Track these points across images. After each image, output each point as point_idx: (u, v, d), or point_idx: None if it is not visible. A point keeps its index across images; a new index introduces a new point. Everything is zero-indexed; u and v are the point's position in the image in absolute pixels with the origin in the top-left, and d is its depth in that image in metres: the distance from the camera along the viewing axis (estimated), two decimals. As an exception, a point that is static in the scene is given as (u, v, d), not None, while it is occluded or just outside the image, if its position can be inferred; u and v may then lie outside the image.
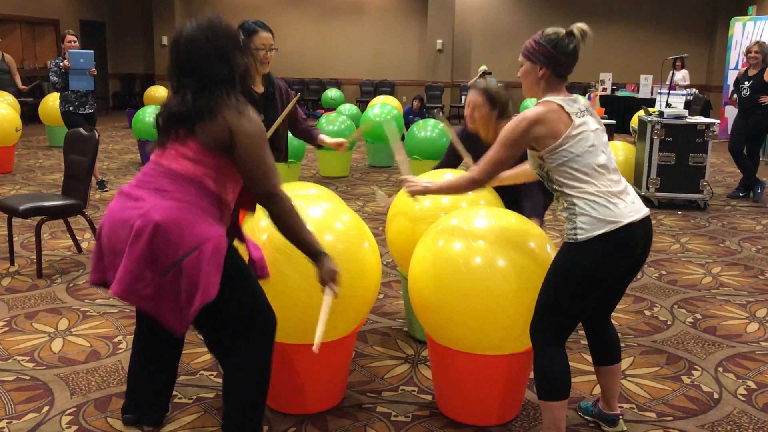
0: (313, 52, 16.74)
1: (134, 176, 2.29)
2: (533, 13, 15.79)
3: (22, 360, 3.33)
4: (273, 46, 3.28)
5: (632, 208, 2.36)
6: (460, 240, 2.63)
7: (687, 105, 9.04)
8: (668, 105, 7.44)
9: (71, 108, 7.13)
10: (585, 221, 2.32)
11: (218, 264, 2.15)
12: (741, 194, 7.76)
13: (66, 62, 6.94)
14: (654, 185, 7.00)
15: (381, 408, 2.93)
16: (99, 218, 5.74)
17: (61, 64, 6.97)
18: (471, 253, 2.58)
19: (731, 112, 9.73)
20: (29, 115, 12.59)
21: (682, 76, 12.43)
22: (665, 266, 5.09)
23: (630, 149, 7.56)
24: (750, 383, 3.23)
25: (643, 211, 2.40)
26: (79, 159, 4.71)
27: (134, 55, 17.61)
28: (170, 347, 2.65)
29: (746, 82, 7.44)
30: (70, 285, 4.42)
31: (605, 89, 13.76)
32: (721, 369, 3.37)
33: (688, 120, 6.98)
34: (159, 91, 14.00)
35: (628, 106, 12.73)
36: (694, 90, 12.02)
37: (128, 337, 3.57)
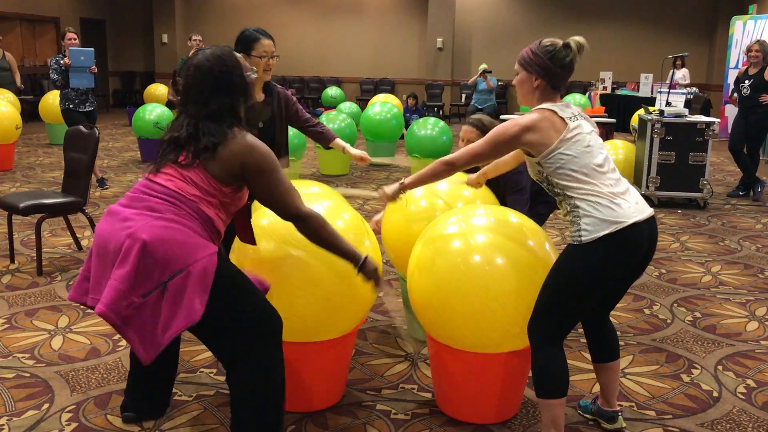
0: (314, 51, 16.74)
1: (127, 192, 2.28)
2: (534, 12, 15.79)
3: (22, 357, 3.33)
4: (275, 53, 3.27)
5: (636, 209, 2.36)
6: (459, 238, 2.64)
7: (687, 104, 9.04)
8: (668, 104, 7.44)
9: (71, 105, 7.13)
10: (589, 222, 2.32)
11: (205, 285, 2.10)
12: (741, 193, 7.76)
13: (66, 60, 6.94)
14: (654, 184, 7.00)
15: (381, 406, 2.93)
16: (99, 216, 5.74)
17: (62, 62, 6.97)
18: (470, 252, 2.59)
19: (731, 111, 9.73)
20: (29, 113, 12.59)
21: (683, 75, 12.42)
22: (665, 265, 5.09)
23: (630, 148, 7.56)
24: (749, 382, 3.23)
25: (648, 212, 2.40)
26: (79, 157, 4.71)
27: (134, 53, 17.61)
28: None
29: (747, 81, 7.44)
30: (70, 282, 4.42)
31: (605, 88, 13.77)
32: (721, 367, 3.38)
33: (688, 119, 6.98)
34: (159, 89, 13.98)
35: (628, 105, 12.73)
36: (695, 89, 12.02)
37: (128, 335, 3.57)
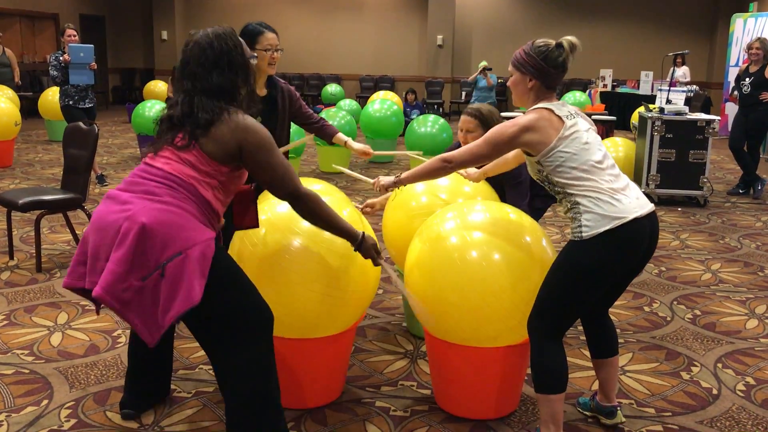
0: (314, 48, 16.73)
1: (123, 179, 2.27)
2: (534, 9, 15.77)
3: (22, 353, 3.33)
4: (278, 47, 3.26)
5: (637, 204, 2.36)
6: (456, 233, 2.64)
7: (687, 101, 9.04)
8: (669, 101, 7.44)
9: (71, 102, 7.12)
10: (590, 218, 2.32)
11: (203, 269, 2.09)
12: (741, 191, 7.75)
13: (66, 56, 6.93)
14: (654, 182, 7.00)
15: (380, 402, 2.93)
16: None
17: (61, 59, 6.96)
18: (466, 247, 2.59)
19: (732, 109, 9.73)
20: (29, 110, 12.59)
21: (683, 73, 12.42)
22: (665, 262, 5.09)
23: (630, 146, 7.56)
24: (749, 379, 3.23)
25: (648, 207, 2.40)
26: (79, 153, 4.71)
27: (134, 50, 17.60)
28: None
29: (747, 79, 7.44)
30: (70, 279, 4.41)
31: (606, 85, 13.75)
32: (720, 365, 3.37)
33: (689, 116, 6.97)
34: (159, 86, 13.98)
35: (629, 103, 12.72)
36: (695, 87, 12.01)
37: (127, 331, 3.57)
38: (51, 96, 10.25)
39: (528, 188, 3.38)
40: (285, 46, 3.59)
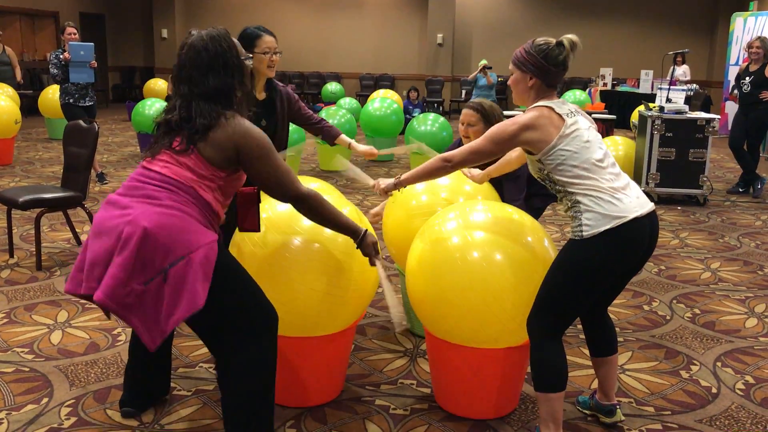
0: (314, 46, 16.72)
1: (122, 183, 2.27)
2: (534, 8, 15.76)
3: (22, 352, 3.33)
4: (277, 49, 3.27)
5: (637, 203, 2.36)
6: (457, 233, 2.64)
7: (687, 100, 9.03)
8: (669, 100, 7.43)
9: (71, 100, 7.12)
10: (590, 217, 2.32)
11: (207, 273, 2.08)
12: (741, 190, 7.76)
13: (66, 54, 6.93)
14: (654, 180, 7.00)
15: (380, 401, 2.93)
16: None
17: (61, 57, 6.96)
18: (468, 247, 2.58)
19: (732, 108, 9.72)
20: (29, 108, 12.58)
21: (683, 72, 12.41)
22: (664, 261, 5.09)
23: (630, 144, 7.56)
24: (748, 378, 3.23)
25: (649, 206, 2.40)
26: (79, 151, 4.71)
27: (134, 48, 17.59)
28: None
29: (747, 78, 7.44)
30: (70, 277, 4.42)
31: (606, 84, 13.75)
32: (720, 364, 3.38)
33: (689, 115, 6.97)
34: (159, 84, 13.98)
35: (629, 101, 12.72)
36: (695, 85, 12.00)
37: (127, 330, 3.57)
38: (51, 94, 10.24)
39: (525, 183, 3.37)
40: (285, 45, 3.60)
